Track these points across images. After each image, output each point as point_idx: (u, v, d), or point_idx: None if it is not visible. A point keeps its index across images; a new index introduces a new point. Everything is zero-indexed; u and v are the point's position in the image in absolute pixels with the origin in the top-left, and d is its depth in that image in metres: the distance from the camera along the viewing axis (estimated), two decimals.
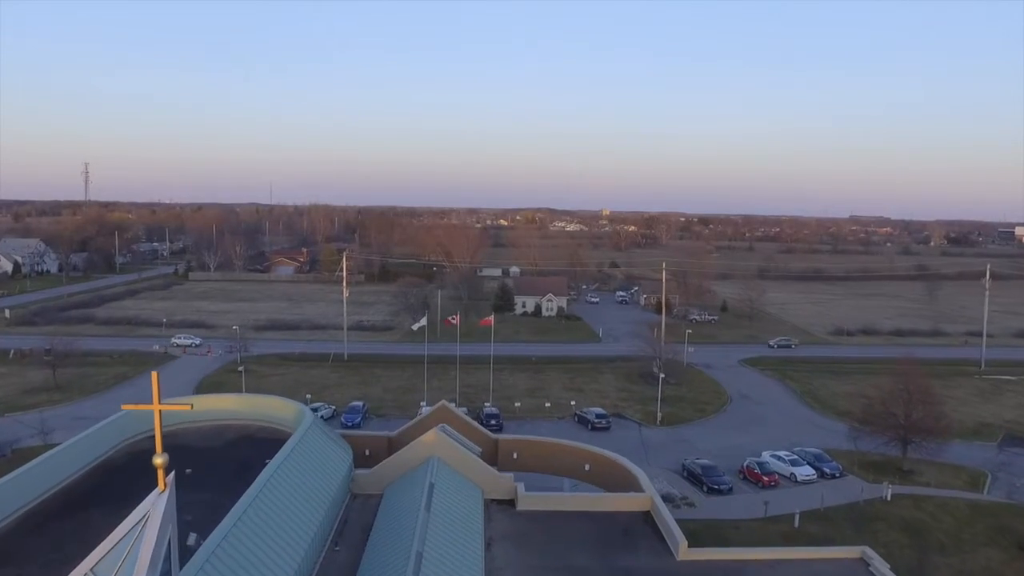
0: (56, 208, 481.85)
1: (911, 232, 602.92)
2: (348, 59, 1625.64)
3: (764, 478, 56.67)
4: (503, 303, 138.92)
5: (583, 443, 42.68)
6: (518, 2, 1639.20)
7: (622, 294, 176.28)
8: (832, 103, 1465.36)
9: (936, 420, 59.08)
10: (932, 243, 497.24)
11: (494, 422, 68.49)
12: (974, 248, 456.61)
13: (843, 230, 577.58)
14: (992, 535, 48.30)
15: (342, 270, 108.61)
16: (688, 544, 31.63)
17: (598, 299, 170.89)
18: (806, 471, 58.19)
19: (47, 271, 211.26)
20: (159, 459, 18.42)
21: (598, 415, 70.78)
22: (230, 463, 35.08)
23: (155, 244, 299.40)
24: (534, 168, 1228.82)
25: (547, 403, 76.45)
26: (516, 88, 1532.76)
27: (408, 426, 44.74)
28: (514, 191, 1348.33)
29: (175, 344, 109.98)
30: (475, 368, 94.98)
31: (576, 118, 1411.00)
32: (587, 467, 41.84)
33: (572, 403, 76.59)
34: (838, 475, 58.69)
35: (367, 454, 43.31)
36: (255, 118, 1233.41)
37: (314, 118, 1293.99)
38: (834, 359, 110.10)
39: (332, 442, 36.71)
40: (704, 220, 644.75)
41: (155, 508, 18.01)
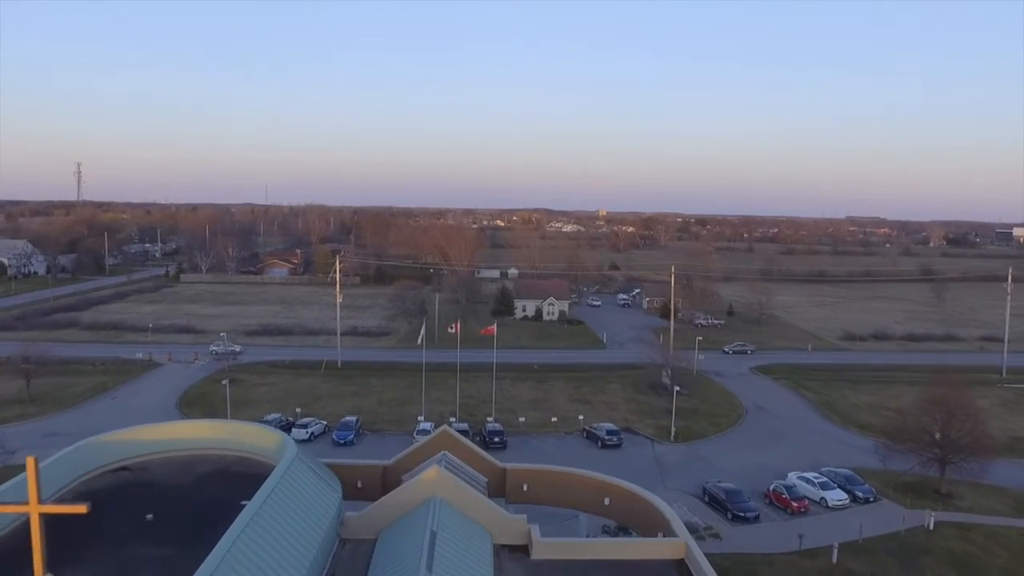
0: (50, 209, 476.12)
1: (908, 233, 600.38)
2: (346, 59, 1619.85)
3: (793, 504, 52.07)
4: (503, 307, 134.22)
5: (603, 474, 37.94)
6: (515, 2, 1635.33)
7: (624, 297, 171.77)
8: (828, 104, 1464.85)
9: (979, 438, 54.46)
10: (931, 244, 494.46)
11: (497, 439, 63.84)
12: (973, 249, 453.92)
13: (841, 231, 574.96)
14: None
15: (336, 273, 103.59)
16: None
17: (600, 302, 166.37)
18: (838, 495, 53.60)
19: (34, 273, 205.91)
20: None
21: (609, 431, 66.05)
22: (200, 505, 30.34)
23: (147, 245, 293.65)
24: (530, 168, 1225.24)
25: (553, 417, 71.64)
26: (513, 88, 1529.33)
27: (406, 454, 40.07)
28: (510, 191, 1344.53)
29: (213, 352, 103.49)
30: (475, 376, 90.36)
31: (571, 118, 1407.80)
32: (607, 501, 37.21)
33: (580, 418, 71.86)
34: (872, 499, 54.16)
35: (359, 486, 38.62)
36: (252, 118, 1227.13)
37: (311, 118, 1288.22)
38: (848, 366, 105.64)
39: (319, 479, 31.98)
40: (701, 220, 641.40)
41: None
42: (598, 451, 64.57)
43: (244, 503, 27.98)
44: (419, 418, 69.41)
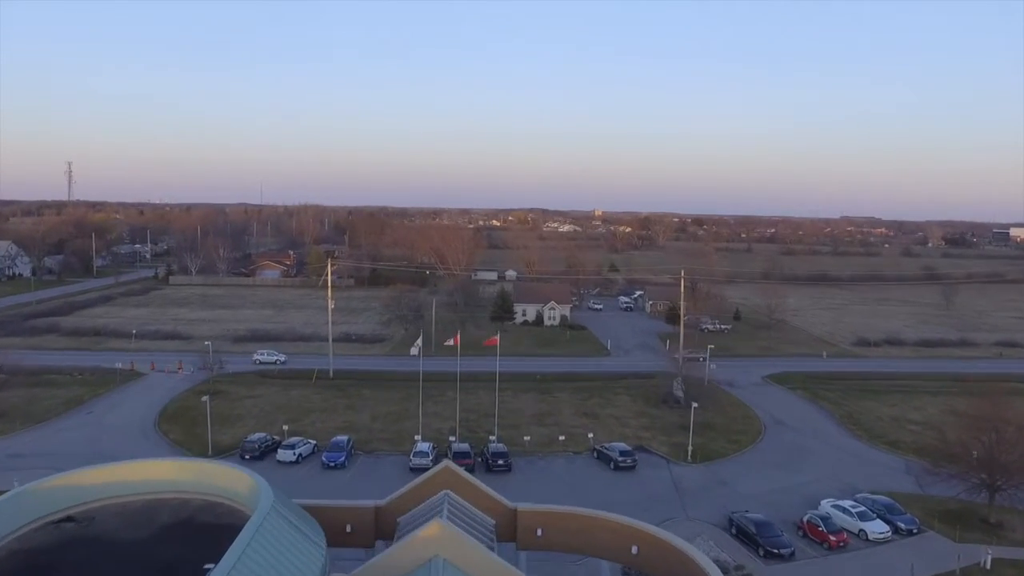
0: (41, 209, 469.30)
1: (905, 233, 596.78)
2: (343, 59, 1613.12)
3: (831, 537, 47.03)
4: (502, 311, 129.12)
5: (630, 518, 32.83)
6: (512, 3, 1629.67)
7: (626, 300, 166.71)
8: (823, 104, 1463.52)
9: None
10: (930, 244, 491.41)
11: (501, 462, 58.71)
12: (972, 249, 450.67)
13: (839, 231, 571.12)
14: None
15: (327, 277, 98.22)
16: None
17: (601, 305, 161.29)
18: (879, 527, 48.60)
19: (19, 275, 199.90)
20: None
21: (623, 452, 60.78)
22: (158, 565, 25.31)
23: (137, 246, 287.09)
24: (525, 168, 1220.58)
25: (561, 436, 66.36)
26: (509, 88, 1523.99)
27: (402, 492, 35.00)
28: (505, 191, 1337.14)
29: (257, 361, 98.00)
30: (475, 387, 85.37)
31: (567, 118, 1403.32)
32: (634, 550, 32.22)
33: (589, 436, 66.66)
34: (915, 531, 49.20)
35: (349, 530, 33.63)
36: (248, 117, 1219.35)
37: (307, 117, 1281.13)
38: (865, 374, 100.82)
39: (299, 533, 26.93)
40: (698, 220, 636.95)
41: None
42: (611, 474, 59.54)
43: (209, 567, 23.06)
44: (416, 437, 64.24)
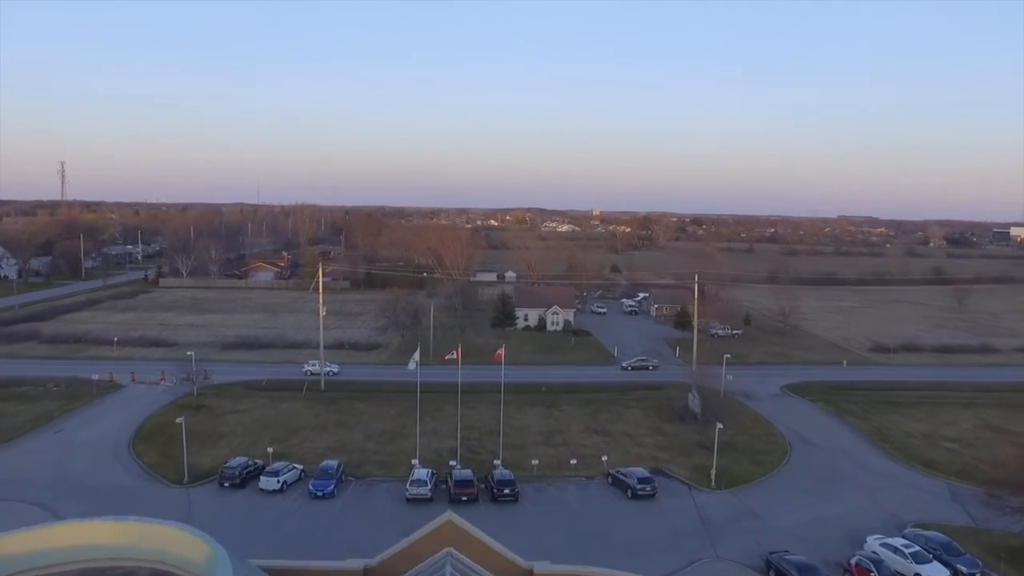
0: (35, 209, 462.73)
1: (904, 232, 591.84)
2: (342, 59, 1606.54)
3: None
4: (503, 316, 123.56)
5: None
6: (511, 3, 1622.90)
7: (631, 304, 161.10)
8: (820, 104, 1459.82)
9: None
10: (932, 244, 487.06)
11: (508, 491, 53.03)
12: (975, 249, 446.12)
13: (840, 231, 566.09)
14: None
15: (318, 281, 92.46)
16: None
17: (605, 309, 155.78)
18: (937, 572, 43.03)
19: (4, 277, 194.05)
20: None
21: (641, 479, 55.00)
22: None
23: (128, 247, 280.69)
24: (523, 168, 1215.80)
25: (572, 459, 60.62)
26: (506, 88, 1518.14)
27: (397, 551, 29.41)
28: (502, 191, 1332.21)
29: (307, 372, 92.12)
30: (476, 400, 79.88)
31: (564, 117, 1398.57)
32: None
33: (603, 459, 60.95)
34: (978, 575, 43.79)
35: None
36: (245, 117, 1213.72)
37: (305, 117, 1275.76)
38: (887, 384, 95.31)
39: None
40: (697, 220, 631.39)
41: None
42: (628, 503, 53.95)
43: None
44: (413, 462, 58.57)
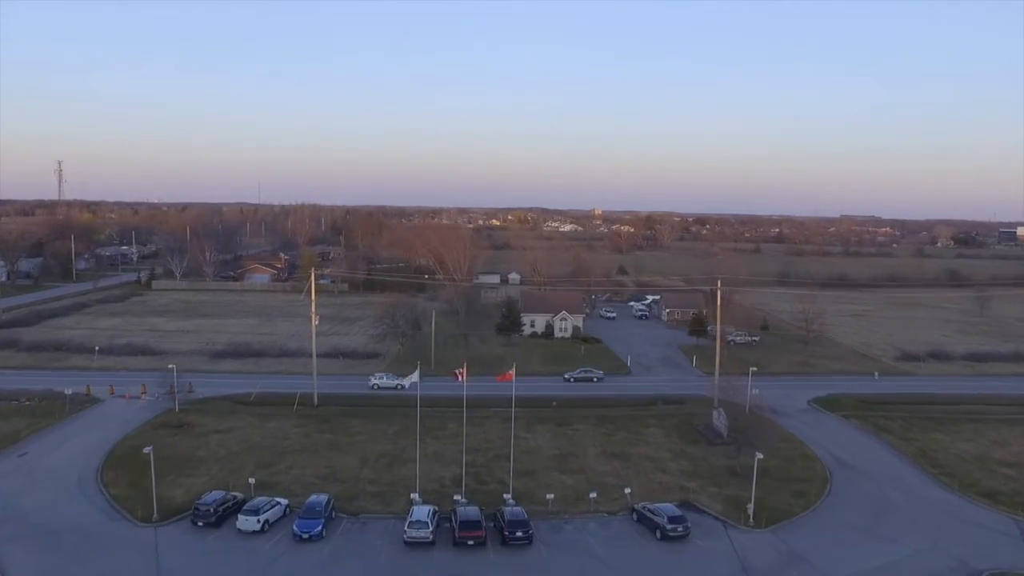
0: (34, 209, 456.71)
1: (910, 232, 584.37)
2: (343, 59, 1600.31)
3: None
4: (509, 323, 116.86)
5: None
6: (510, 3, 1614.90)
7: (640, 308, 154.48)
8: (820, 103, 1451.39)
9: None
10: (939, 244, 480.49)
11: (520, 533, 46.25)
12: (984, 249, 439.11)
13: (845, 231, 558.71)
14: None
15: (310, 287, 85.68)
16: None
17: (614, 313, 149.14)
18: None
19: None
20: None
21: (672, 518, 47.94)
22: None
23: (123, 248, 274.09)
24: (524, 167, 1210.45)
25: (592, 492, 53.77)
26: (507, 88, 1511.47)
27: None
28: (503, 190, 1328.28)
29: (375, 385, 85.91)
30: (482, 416, 73.57)
31: (565, 117, 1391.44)
32: None
33: (627, 492, 54.18)
34: None
35: None
36: (247, 117, 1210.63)
37: (307, 117, 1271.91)
38: (923, 398, 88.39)
39: None
40: (701, 220, 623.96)
41: None
42: (657, 545, 47.22)
43: None
44: (413, 496, 51.87)
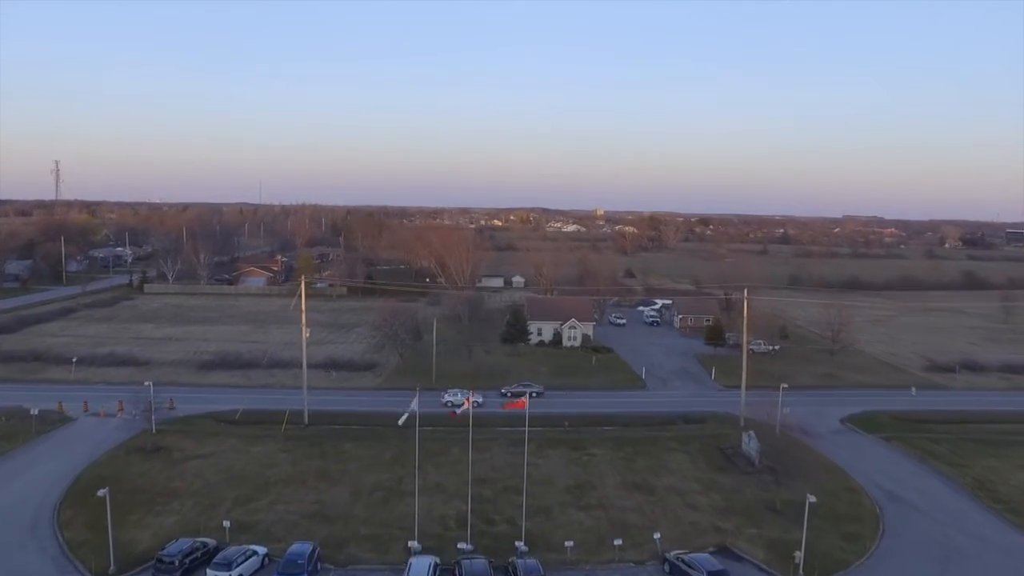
0: (32, 209, 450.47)
1: (914, 232, 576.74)
2: (343, 59, 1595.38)
3: None
4: (515, 331, 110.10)
5: None
6: (511, 3, 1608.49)
7: (652, 314, 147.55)
8: (821, 103, 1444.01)
9: None
10: (947, 245, 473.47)
11: None
12: (995, 251, 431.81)
13: (847, 230, 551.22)
14: None
15: (300, 298, 78.75)
16: None
17: (624, 319, 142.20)
18: None
19: None
20: None
21: (713, 573, 41.45)
22: None
23: (118, 249, 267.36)
24: (525, 167, 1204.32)
25: (616, 539, 46.56)
26: (509, 88, 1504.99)
27: None
28: (504, 190, 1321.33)
29: (448, 403, 78.86)
30: (488, 439, 66.86)
31: (566, 117, 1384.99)
32: None
33: (656, 536, 47.31)
34: None
35: None
36: (248, 116, 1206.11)
37: (308, 117, 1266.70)
38: (966, 416, 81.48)
39: None
40: (703, 220, 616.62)
41: None
42: None
43: None
44: (411, 544, 45.00)
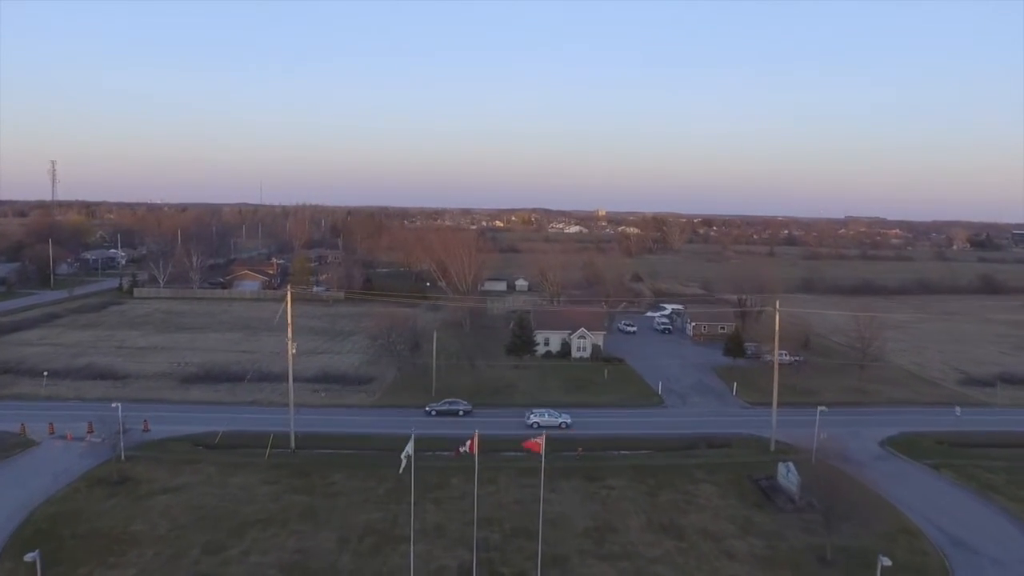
0: (29, 209, 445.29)
1: (919, 233, 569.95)
2: (343, 59, 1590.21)
3: None
4: (520, 341, 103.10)
5: None
6: (512, 3, 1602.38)
7: (663, 320, 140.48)
8: (826, 102, 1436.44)
9: None
10: (955, 246, 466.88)
11: None
12: (1007, 253, 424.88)
13: (852, 232, 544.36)
14: None
15: (286, 310, 71.51)
16: None
17: (635, 327, 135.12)
18: None
19: None
20: None
21: None
22: None
23: (111, 251, 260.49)
24: (527, 167, 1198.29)
25: None
26: (510, 88, 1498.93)
27: None
28: (506, 191, 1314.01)
29: (535, 424, 71.58)
30: (493, 468, 59.90)
31: (567, 117, 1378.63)
32: None
33: None
34: None
35: None
36: (249, 116, 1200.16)
37: (309, 117, 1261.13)
38: (1017, 438, 74.70)
39: None
40: (707, 221, 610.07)
41: None
42: None
43: None
44: None
